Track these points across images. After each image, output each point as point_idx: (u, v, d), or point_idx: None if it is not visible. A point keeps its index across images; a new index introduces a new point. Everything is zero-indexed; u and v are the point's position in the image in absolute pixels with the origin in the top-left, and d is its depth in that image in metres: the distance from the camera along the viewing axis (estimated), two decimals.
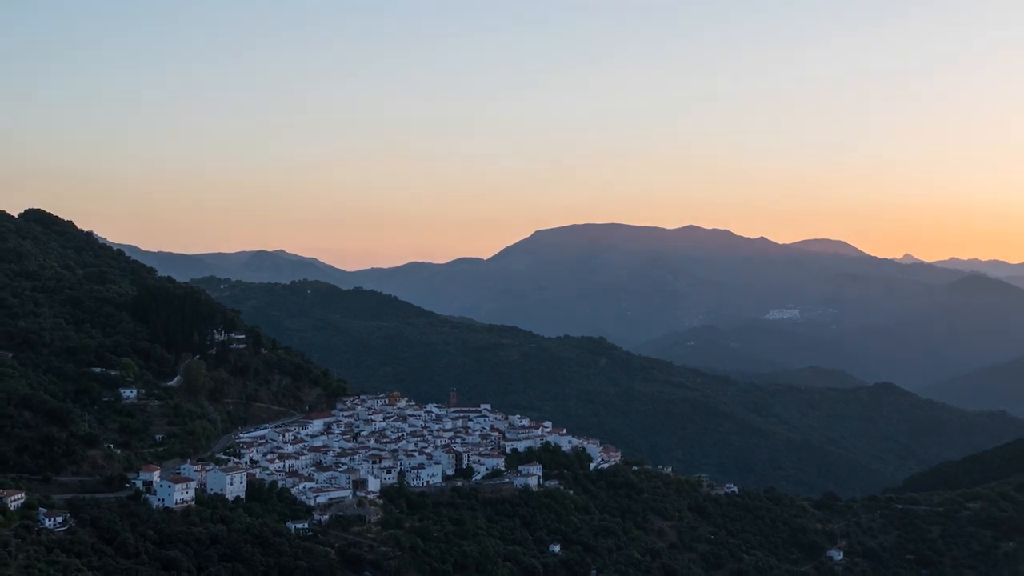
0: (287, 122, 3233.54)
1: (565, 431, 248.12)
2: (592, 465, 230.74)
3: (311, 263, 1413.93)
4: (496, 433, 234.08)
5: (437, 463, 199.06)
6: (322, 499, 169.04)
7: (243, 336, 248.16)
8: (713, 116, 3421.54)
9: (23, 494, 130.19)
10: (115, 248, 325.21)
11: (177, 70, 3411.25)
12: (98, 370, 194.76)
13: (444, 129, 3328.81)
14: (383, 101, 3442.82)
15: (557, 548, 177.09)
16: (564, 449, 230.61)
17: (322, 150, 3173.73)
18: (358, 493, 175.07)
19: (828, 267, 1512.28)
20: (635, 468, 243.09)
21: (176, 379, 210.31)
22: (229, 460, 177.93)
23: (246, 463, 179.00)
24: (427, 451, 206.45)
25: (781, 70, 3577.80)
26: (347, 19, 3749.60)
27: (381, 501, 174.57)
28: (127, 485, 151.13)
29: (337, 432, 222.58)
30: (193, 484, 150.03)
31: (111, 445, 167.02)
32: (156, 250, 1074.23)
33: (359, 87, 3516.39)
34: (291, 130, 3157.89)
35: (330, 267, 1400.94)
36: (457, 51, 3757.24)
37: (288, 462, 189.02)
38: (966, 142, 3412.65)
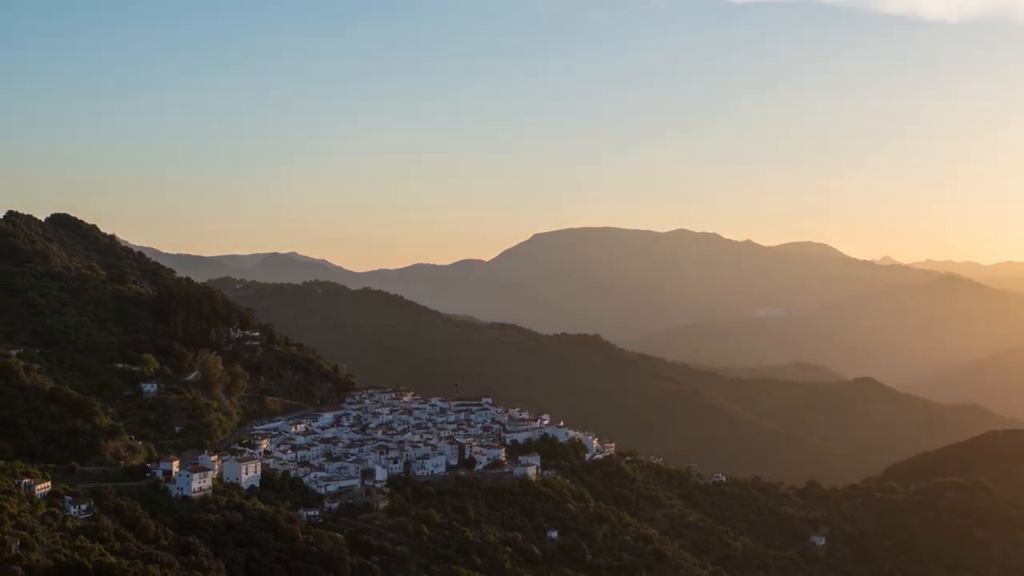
0: (298, 131, 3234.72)
1: (562, 423, 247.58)
2: (588, 456, 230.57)
3: (322, 265, 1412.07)
4: (497, 425, 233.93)
5: (441, 454, 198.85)
6: (332, 488, 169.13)
7: (257, 334, 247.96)
8: (704, 124, 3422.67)
9: (49, 483, 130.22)
10: (136, 250, 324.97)
11: (195, 79, 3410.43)
12: (120, 366, 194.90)
13: (447, 138, 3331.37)
14: (389, 111, 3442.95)
15: (555, 534, 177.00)
16: (561, 441, 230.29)
17: (332, 158, 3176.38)
18: (366, 482, 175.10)
19: (811, 268, 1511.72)
20: (628, 459, 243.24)
21: (194, 374, 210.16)
22: (244, 451, 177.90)
23: (260, 454, 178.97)
24: (431, 442, 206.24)
25: (769, 80, 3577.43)
26: (353, 26, 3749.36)
27: (388, 490, 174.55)
28: (148, 475, 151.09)
29: (346, 424, 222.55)
30: (210, 474, 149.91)
31: (132, 437, 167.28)
32: (175, 252, 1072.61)
33: (365, 98, 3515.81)
34: (302, 139, 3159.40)
35: (340, 268, 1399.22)
36: (459, 59, 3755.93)
37: (300, 453, 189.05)
38: (942, 151, 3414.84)
